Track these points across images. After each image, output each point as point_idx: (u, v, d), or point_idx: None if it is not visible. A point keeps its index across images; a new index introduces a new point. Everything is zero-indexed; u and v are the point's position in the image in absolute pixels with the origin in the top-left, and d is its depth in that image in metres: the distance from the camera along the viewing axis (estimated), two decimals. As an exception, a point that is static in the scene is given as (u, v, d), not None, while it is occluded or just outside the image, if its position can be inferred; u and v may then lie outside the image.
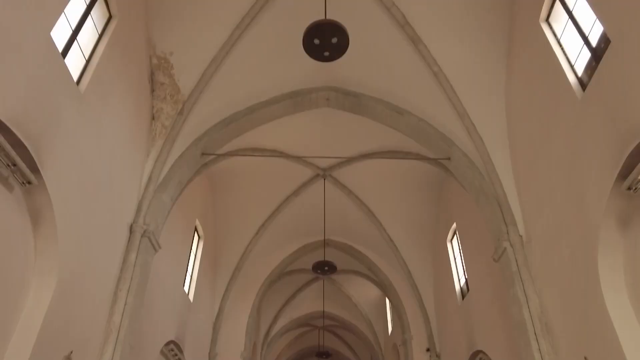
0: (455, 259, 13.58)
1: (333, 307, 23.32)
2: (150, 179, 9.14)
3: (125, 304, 7.73)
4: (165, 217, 9.44)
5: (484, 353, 11.06)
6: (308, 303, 23.13)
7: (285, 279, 19.64)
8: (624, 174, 5.70)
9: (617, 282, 6.00)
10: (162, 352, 11.14)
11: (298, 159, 13.64)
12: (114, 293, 7.76)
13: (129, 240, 8.35)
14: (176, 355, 11.83)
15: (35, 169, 5.74)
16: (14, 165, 5.47)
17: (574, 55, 7.05)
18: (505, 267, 8.51)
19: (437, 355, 14.96)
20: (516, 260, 8.27)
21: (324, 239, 16.08)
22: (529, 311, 7.71)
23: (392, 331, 19.86)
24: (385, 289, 17.66)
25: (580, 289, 6.60)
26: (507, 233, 8.55)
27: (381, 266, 17.36)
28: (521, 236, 8.46)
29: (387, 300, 20.48)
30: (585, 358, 6.40)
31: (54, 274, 6.11)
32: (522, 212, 8.64)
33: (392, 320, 19.75)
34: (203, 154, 10.18)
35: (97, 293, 7.22)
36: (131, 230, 8.45)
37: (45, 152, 5.91)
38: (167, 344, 11.18)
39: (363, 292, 21.83)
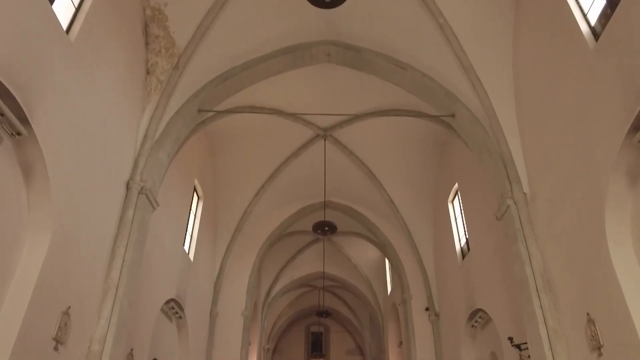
0: (456, 219, 13.50)
1: (333, 268, 23.48)
2: (146, 135, 8.91)
3: (123, 261, 7.65)
4: (162, 175, 9.26)
5: (483, 311, 11.11)
6: (308, 264, 23.27)
7: (285, 240, 19.66)
8: (636, 126, 5.50)
9: (624, 237, 5.89)
10: (162, 310, 11.20)
11: (297, 118, 13.37)
12: (112, 250, 7.66)
13: (125, 197, 8.19)
14: (177, 313, 11.91)
15: (24, 120, 5.52)
16: (2, 115, 5.26)
17: (587, 3, 6.71)
18: (508, 225, 8.40)
19: (436, 315, 15.10)
20: (519, 218, 8.15)
21: (324, 201, 15.95)
22: (532, 268, 7.64)
23: (391, 291, 20.05)
24: (385, 249, 17.69)
25: (585, 245, 6.49)
26: (511, 191, 8.39)
27: (381, 227, 17.31)
28: (525, 194, 8.31)
29: (387, 261, 20.59)
30: (587, 314, 6.35)
31: (49, 229, 5.98)
32: (527, 169, 8.46)
33: (392, 280, 19.90)
34: (200, 110, 9.91)
35: (94, 249, 7.12)
36: (128, 187, 8.28)
37: (35, 103, 5.67)
38: (168, 302, 11.22)
39: (363, 253, 21.92)
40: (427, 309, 15.42)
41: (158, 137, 9.07)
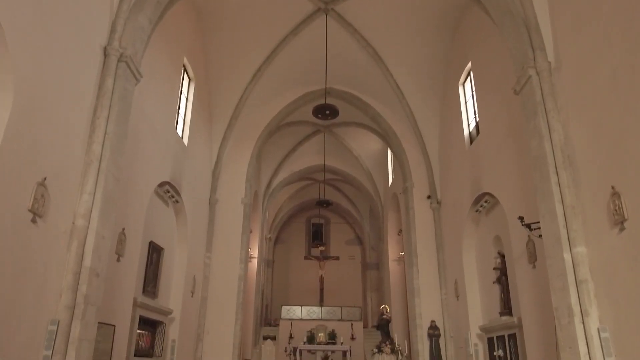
0: (466, 102, 12.69)
1: (334, 160, 23.06)
2: (123, -5, 7.81)
3: (105, 134, 6.99)
4: (144, 43, 8.29)
5: (490, 195, 10.72)
6: (309, 156, 22.82)
7: (285, 130, 18.99)
8: None
9: (668, 99, 5.15)
10: (157, 193, 10.83)
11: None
12: (91, 121, 6.97)
13: (104, 64, 7.33)
14: (173, 197, 11.56)
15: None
16: None
17: None
18: (528, 98, 7.62)
19: (438, 202, 14.88)
20: (541, 89, 7.34)
21: (326, 87, 15.00)
22: (551, 143, 7.00)
23: (392, 182, 19.81)
24: (388, 139, 17.06)
25: (617, 113, 5.78)
26: (534, 59, 7.49)
27: (385, 115, 16.50)
28: (549, 62, 7.41)
29: (389, 151, 20.08)
30: (612, 187, 5.81)
31: (10, 89, 5.24)
32: (553, 35, 7.47)
33: (393, 171, 19.56)
34: (184, -32, 8.68)
35: (69, 118, 6.42)
36: (105, 53, 7.37)
37: None
38: (162, 184, 10.81)
39: (364, 144, 21.38)
40: (428, 197, 15.18)
41: (136, -2, 7.96)
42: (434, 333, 13.68)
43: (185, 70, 12.65)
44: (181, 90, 12.34)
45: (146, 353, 10.39)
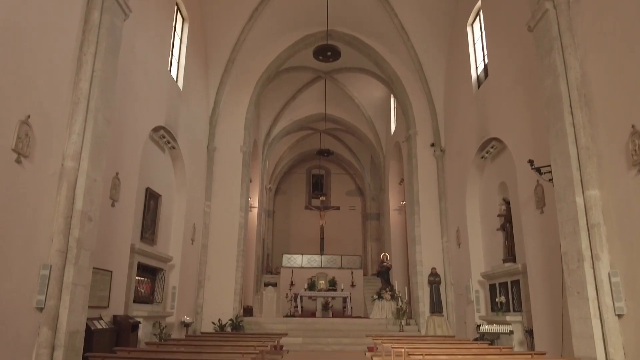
0: (474, 44, 12.09)
1: (335, 109, 22.51)
2: None
3: (93, 71, 6.57)
4: (132, -26, 7.71)
5: (497, 140, 10.38)
6: (309, 104, 22.25)
7: (284, 76, 18.38)
8: None
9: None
10: (152, 138, 10.49)
11: None
12: (78, 58, 6.53)
13: (88, -3, 6.81)
14: (169, 142, 11.21)
15: None
16: None
17: None
18: (543, 34, 7.13)
19: (442, 150, 14.55)
20: (558, 24, 6.86)
21: (327, 29, 14.32)
22: (567, 81, 6.60)
23: (395, 131, 19.39)
24: (392, 84, 16.50)
25: (644, 45, 5.36)
26: (552, -8, 6.96)
27: (389, 59, 15.88)
28: (569, -6, 6.89)
29: (392, 99, 19.56)
30: (632, 126, 5.47)
31: (-17, 16, 4.80)
32: (575, -37, 6.91)
33: (396, 119, 19.10)
34: None
35: (54, 54, 5.99)
36: (89, -16, 6.84)
37: None
38: (156, 129, 10.43)
39: (367, 91, 20.78)
40: (432, 145, 14.84)
41: None
42: (434, 280, 13.69)
43: (178, 9, 11.99)
44: (174, 31, 11.73)
45: (146, 299, 10.36)
